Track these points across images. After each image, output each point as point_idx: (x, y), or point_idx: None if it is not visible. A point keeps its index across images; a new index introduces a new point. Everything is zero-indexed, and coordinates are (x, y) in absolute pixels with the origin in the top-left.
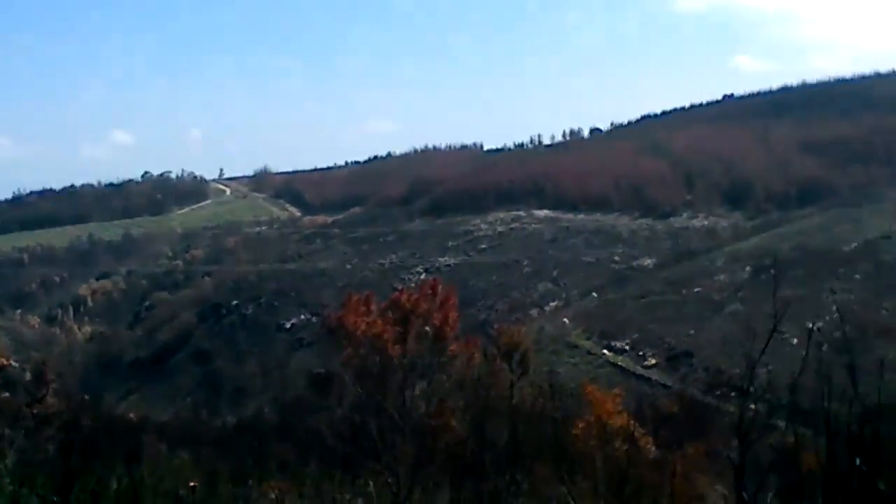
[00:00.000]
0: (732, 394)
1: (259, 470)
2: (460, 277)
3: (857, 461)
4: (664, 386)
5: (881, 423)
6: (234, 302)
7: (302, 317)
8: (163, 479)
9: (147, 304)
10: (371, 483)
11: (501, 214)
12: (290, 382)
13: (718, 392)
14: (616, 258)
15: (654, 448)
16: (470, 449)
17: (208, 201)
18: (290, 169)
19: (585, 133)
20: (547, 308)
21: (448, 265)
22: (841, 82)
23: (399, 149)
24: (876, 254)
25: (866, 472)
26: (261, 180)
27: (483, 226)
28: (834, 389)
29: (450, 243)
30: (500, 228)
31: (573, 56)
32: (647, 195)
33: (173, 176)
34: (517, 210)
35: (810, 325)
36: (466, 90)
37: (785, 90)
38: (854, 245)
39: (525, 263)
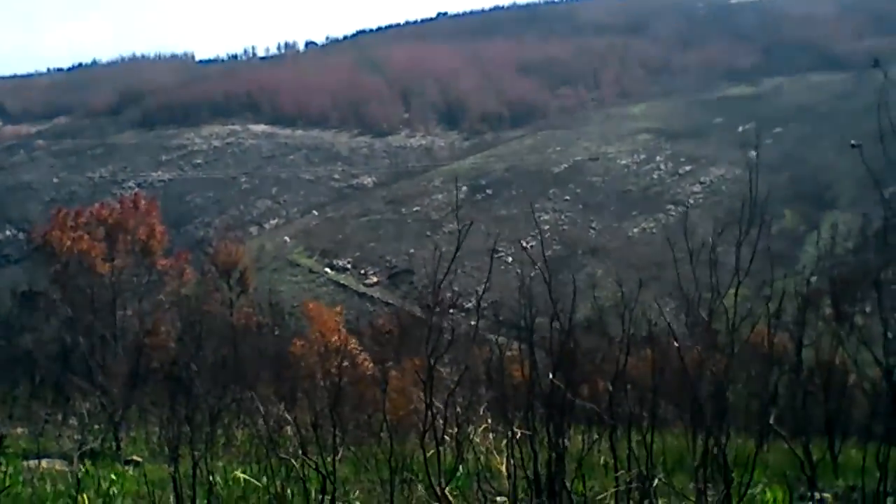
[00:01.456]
0: (450, 311)
1: None
2: (176, 193)
3: (550, 375)
4: (386, 304)
5: (578, 336)
6: None
7: (7, 232)
8: None
9: None
10: (86, 403)
11: (216, 128)
12: None
13: (436, 309)
14: (336, 176)
15: (371, 364)
16: (185, 368)
17: None
18: None
19: (300, 46)
20: (267, 226)
21: (162, 180)
22: (549, 4)
23: (105, 56)
24: (584, 175)
25: (560, 385)
26: None
27: (198, 140)
28: (547, 306)
29: (163, 157)
30: (215, 143)
31: None
32: (365, 112)
33: None
34: (232, 124)
35: (523, 245)
36: None
37: (496, 10)
38: (563, 166)
39: (243, 180)
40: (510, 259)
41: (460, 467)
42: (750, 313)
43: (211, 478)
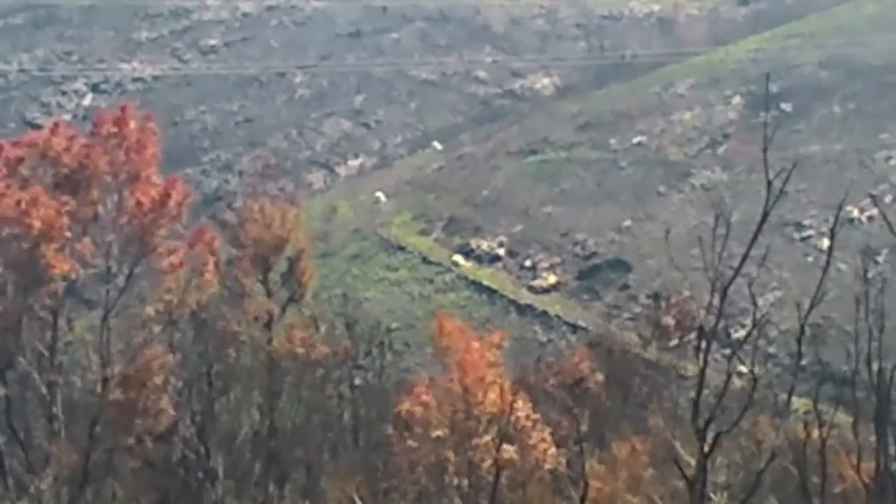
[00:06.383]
0: (702, 344)
1: None
2: (166, 104)
3: None
4: (574, 327)
5: None
6: None
7: None
8: None
9: None
10: None
11: None
12: None
13: (677, 341)
14: (480, 73)
15: (552, 448)
16: (193, 451)
17: None
18: None
19: None
20: (341, 170)
21: (142, 78)
22: None
23: None
24: None
25: None
26: None
27: (211, 1)
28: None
29: (145, 34)
30: (245, 7)
31: None
32: None
33: None
34: None
35: (856, 213)
36: None
37: None
38: None
39: (298, 80)
40: (824, 242)
41: None
42: None
43: None
